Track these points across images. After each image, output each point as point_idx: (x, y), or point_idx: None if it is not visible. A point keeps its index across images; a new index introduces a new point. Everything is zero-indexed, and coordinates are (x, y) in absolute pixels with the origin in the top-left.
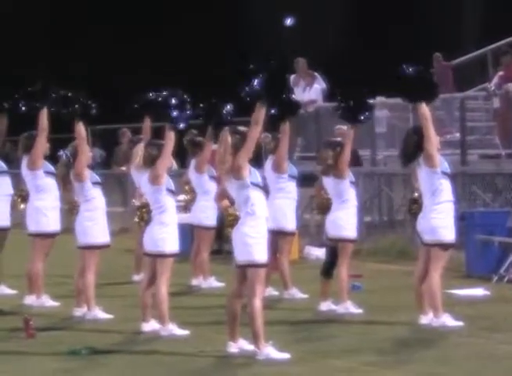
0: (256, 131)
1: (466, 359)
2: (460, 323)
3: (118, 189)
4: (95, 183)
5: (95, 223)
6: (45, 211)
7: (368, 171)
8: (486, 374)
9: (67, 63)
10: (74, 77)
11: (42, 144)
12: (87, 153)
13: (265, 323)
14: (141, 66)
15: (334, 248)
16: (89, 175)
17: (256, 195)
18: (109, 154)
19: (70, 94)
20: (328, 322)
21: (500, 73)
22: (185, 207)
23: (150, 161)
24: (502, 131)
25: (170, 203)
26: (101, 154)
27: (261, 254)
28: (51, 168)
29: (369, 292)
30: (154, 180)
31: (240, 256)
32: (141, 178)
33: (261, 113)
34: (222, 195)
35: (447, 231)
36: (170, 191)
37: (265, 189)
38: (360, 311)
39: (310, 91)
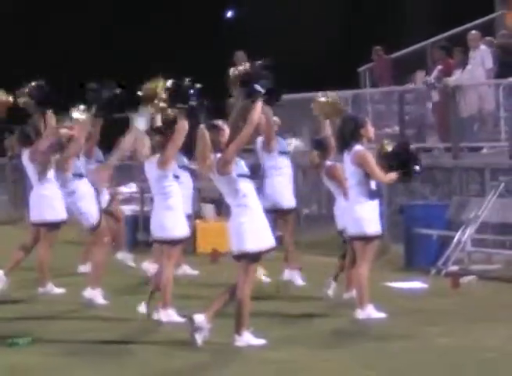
0: (251, 129)
1: (403, 352)
2: (383, 315)
3: None
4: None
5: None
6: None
7: (307, 164)
8: (423, 367)
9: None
10: None
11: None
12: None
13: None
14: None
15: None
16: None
17: (245, 186)
18: None
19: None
20: (266, 314)
21: (439, 66)
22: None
23: (158, 147)
24: (440, 124)
25: (176, 188)
26: None
27: (255, 243)
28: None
29: (307, 284)
30: (162, 165)
31: (235, 246)
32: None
33: (258, 113)
34: None
35: (370, 223)
36: (175, 177)
37: (255, 175)
38: None
39: None
